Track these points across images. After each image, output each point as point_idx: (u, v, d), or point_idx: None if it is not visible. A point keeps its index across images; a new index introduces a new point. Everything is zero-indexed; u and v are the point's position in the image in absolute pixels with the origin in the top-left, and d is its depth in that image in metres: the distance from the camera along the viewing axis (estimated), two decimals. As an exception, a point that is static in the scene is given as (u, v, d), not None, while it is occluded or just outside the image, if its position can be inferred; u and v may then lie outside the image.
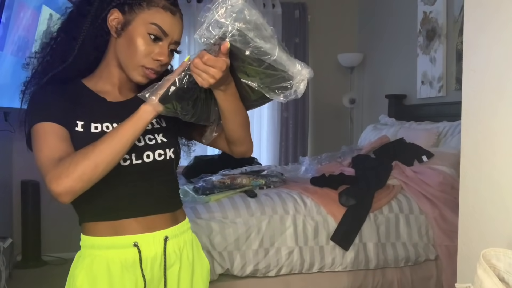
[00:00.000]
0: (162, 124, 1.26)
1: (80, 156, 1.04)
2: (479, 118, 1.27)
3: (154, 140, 1.22)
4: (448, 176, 2.85)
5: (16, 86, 1.26)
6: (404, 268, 2.73)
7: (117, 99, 1.24)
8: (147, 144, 1.20)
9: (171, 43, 1.19)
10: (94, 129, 1.16)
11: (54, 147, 1.07)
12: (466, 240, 1.33)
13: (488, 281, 0.86)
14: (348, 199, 2.66)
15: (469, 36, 1.31)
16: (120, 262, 1.16)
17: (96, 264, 1.16)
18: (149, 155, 1.20)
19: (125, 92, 1.26)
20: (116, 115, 1.18)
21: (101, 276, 1.16)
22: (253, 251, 2.50)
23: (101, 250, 1.17)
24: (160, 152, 1.21)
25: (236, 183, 2.82)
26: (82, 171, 1.02)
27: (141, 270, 1.17)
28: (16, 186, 3.88)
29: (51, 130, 1.10)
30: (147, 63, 1.17)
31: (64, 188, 1.01)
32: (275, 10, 4.75)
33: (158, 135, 1.23)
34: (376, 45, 4.79)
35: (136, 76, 1.19)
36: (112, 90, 1.24)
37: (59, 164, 1.03)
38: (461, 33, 3.47)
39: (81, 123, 1.15)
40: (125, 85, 1.26)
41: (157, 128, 1.25)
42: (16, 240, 3.72)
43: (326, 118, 5.00)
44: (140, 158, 1.18)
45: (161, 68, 1.20)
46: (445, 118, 3.51)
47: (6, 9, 2.80)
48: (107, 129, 1.17)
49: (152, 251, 1.19)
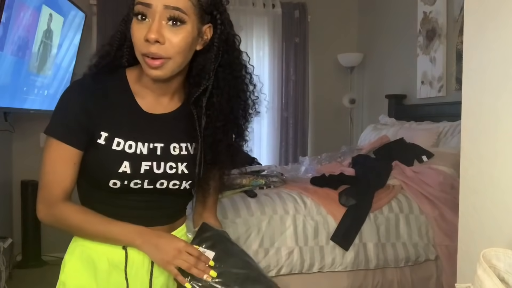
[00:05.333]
0: (191, 151, 1.17)
1: (69, 222, 1.13)
2: (479, 118, 1.27)
3: (175, 169, 1.14)
4: (448, 176, 2.85)
5: (16, 86, 1.26)
6: (404, 268, 2.73)
7: (152, 110, 1.15)
8: (166, 172, 1.14)
9: (161, 13, 1.01)
10: (116, 145, 1.10)
11: (61, 177, 1.11)
12: (466, 240, 1.33)
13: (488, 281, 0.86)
14: (348, 199, 2.66)
15: (469, 36, 1.31)
16: (107, 259, 1.16)
17: (85, 256, 1.16)
18: (163, 183, 1.15)
19: (165, 102, 1.16)
20: (145, 131, 1.13)
21: (88, 268, 1.16)
22: (253, 251, 2.50)
23: (91, 243, 1.16)
24: (175, 183, 1.15)
25: (236, 183, 2.81)
26: (64, 229, 1.15)
27: (125, 273, 1.15)
28: (16, 186, 3.88)
29: (63, 154, 1.10)
30: (142, 49, 1.03)
31: (46, 224, 1.16)
32: (275, 10, 4.75)
33: (182, 164, 1.15)
34: (376, 45, 4.79)
35: (145, 69, 1.06)
36: (150, 96, 1.15)
37: (54, 209, 1.12)
38: (461, 33, 3.47)
39: (105, 135, 1.10)
40: (164, 93, 1.16)
41: (183, 156, 1.16)
42: (16, 240, 3.72)
43: (326, 118, 4.99)
44: (153, 184, 1.14)
45: (159, 49, 1.02)
46: (445, 118, 3.51)
47: (6, 9, 2.80)
48: (129, 148, 1.10)
49: (140, 256, 1.16)
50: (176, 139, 1.16)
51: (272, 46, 4.78)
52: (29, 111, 3.53)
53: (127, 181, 1.11)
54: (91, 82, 1.12)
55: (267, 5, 4.72)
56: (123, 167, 1.09)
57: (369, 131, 4.21)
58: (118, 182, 1.10)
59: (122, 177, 1.10)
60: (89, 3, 4.16)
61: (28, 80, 3.34)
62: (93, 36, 4.17)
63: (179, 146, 1.16)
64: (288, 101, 4.82)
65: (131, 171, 1.10)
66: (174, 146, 1.16)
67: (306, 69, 4.81)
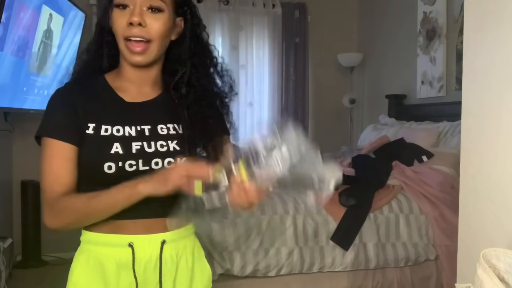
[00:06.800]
0: (179, 130, 1.21)
1: (74, 208, 1.13)
2: (479, 118, 1.27)
3: (166, 147, 1.18)
4: (448, 176, 2.85)
5: (16, 86, 1.28)
6: (404, 268, 2.73)
7: (135, 99, 1.21)
8: (158, 150, 1.17)
9: (141, 3, 1.12)
10: (104, 131, 1.14)
11: (59, 174, 1.13)
12: (466, 240, 1.33)
13: (488, 281, 0.86)
14: (348, 199, 2.66)
15: (469, 36, 1.31)
16: (115, 261, 1.16)
17: (92, 260, 1.16)
18: (158, 162, 1.16)
19: (146, 91, 1.23)
20: (130, 117, 1.18)
21: (96, 272, 1.16)
22: (253, 251, 2.50)
23: (96, 246, 1.17)
24: (170, 161, 1.16)
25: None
26: (73, 221, 1.15)
27: (133, 271, 1.15)
28: (16, 186, 3.88)
29: (58, 150, 1.13)
30: (125, 32, 1.12)
31: (56, 227, 1.14)
32: (275, 10, 4.75)
33: (172, 142, 1.19)
34: (376, 45, 4.79)
35: (127, 55, 1.15)
36: (131, 88, 1.22)
37: (58, 204, 1.12)
38: (461, 33, 3.47)
39: (92, 125, 1.15)
40: (145, 83, 1.22)
41: (172, 135, 1.20)
42: (16, 240, 3.72)
43: (326, 118, 4.99)
44: (148, 165, 1.15)
45: (141, 31, 1.12)
46: (445, 118, 3.51)
47: (6, 9, 2.80)
48: (117, 132, 1.15)
49: (147, 253, 1.16)
50: (162, 121, 1.21)
51: (272, 46, 4.78)
52: (29, 111, 3.53)
53: (122, 162, 1.13)
54: (73, 84, 1.23)
55: (267, 5, 4.72)
56: (115, 147, 1.13)
57: (369, 131, 4.22)
58: (113, 165, 1.12)
59: (115, 158, 1.12)
60: (89, 3, 4.15)
61: (28, 80, 3.34)
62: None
63: (166, 126, 1.21)
64: (288, 101, 4.82)
65: (123, 151, 1.13)
66: (161, 127, 1.20)
67: (306, 69, 4.81)
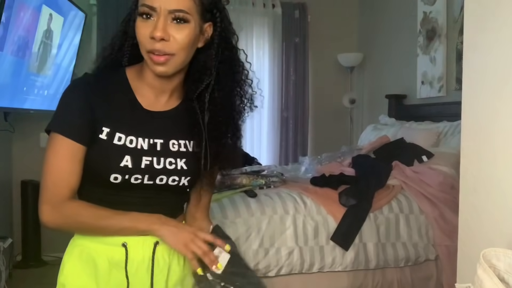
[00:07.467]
0: (189, 148, 1.20)
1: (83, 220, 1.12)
2: (479, 118, 1.27)
3: (174, 165, 1.17)
4: (448, 176, 2.84)
5: (16, 86, 1.27)
6: (404, 268, 2.73)
7: (152, 107, 1.18)
8: (166, 168, 1.16)
9: (165, 15, 1.06)
10: (117, 140, 1.12)
11: (66, 175, 1.10)
12: (466, 240, 1.33)
13: (488, 281, 0.86)
14: (348, 199, 2.66)
15: (469, 36, 1.31)
16: (107, 258, 1.16)
17: (85, 255, 1.17)
18: (163, 179, 1.16)
19: (164, 100, 1.19)
20: (144, 128, 1.15)
21: (88, 267, 1.16)
22: (253, 251, 2.50)
23: (91, 242, 1.16)
24: (174, 179, 1.17)
25: (236, 183, 2.82)
26: (76, 229, 1.16)
27: (125, 271, 1.16)
28: (16, 186, 3.88)
29: (68, 149, 1.10)
30: (147, 46, 1.08)
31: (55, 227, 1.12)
32: (275, 10, 4.75)
33: (181, 160, 1.17)
34: (376, 45, 4.79)
35: (150, 65, 1.10)
36: (150, 93, 1.18)
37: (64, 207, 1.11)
38: (461, 33, 3.47)
39: (106, 130, 1.12)
40: (165, 91, 1.18)
41: (182, 152, 1.19)
42: (16, 240, 3.72)
43: (326, 118, 4.99)
44: (153, 180, 1.15)
45: (164, 46, 1.07)
46: (445, 118, 3.51)
47: (6, 9, 2.80)
48: (130, 143, 1.13)
49: (140, 254, 1.17)
50: (175, 136, 1.19)
51: (272, 46, 4.78)
52: (29, 111, 3.53)
53: (128, 176, 1.12)
54: (93, 79, 1.15)
55: (267, 5, 4.72)
56: (125, 161, 1.11)
57: (369, 131, 4.21)
58: (119, 177, 1.11)
59: (123, 171, 1.12)
60: (89, 3, 4.16)
61: (28, 80, 3.34)
62: (93, 36, 4.17)
63: (178, 142, 1.19)
64: (288, 101, 4.82)
65: (132, 165, 1.12)
66: (173, 142, 1.18)
67: (306, 69, 4.81)
